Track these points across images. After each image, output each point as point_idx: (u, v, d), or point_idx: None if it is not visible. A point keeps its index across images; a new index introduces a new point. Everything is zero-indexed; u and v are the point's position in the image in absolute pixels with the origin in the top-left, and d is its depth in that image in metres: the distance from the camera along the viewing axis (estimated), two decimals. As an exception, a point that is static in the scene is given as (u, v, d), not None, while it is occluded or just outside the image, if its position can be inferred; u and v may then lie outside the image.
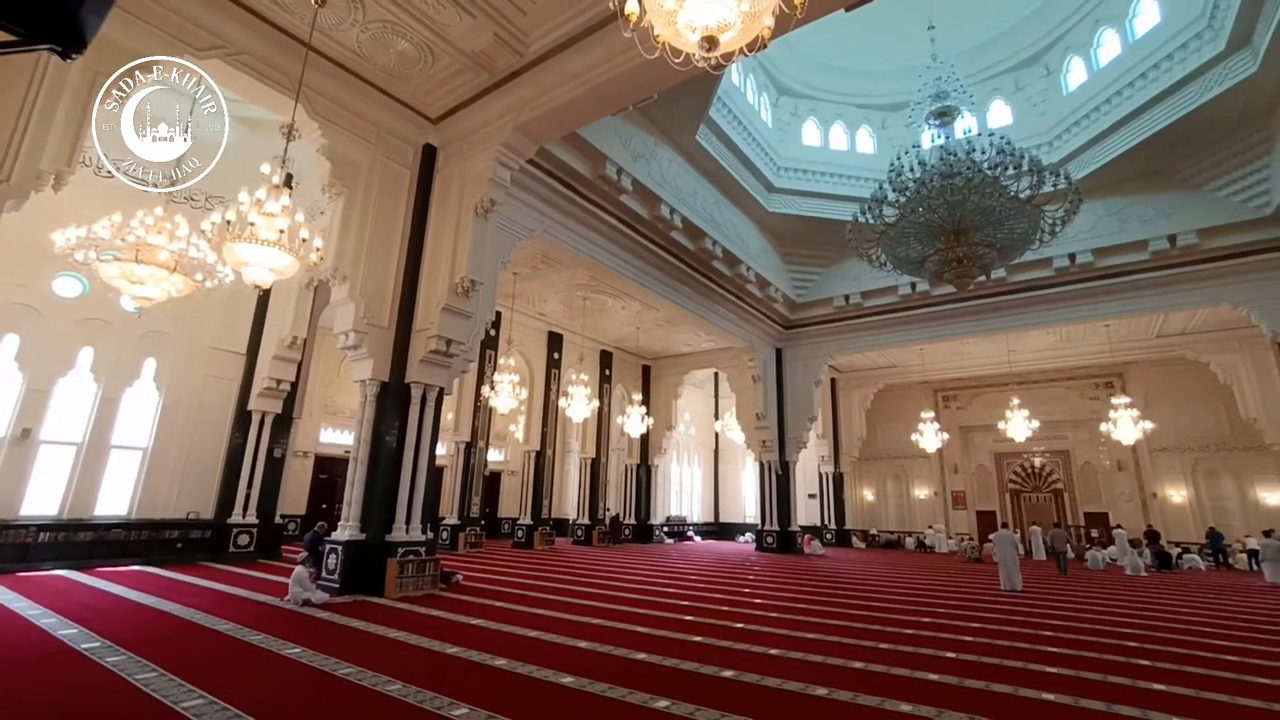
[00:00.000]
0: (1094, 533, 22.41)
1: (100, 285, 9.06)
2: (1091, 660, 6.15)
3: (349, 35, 8.80)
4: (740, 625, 7.46)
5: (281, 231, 6.03)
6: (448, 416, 17.19)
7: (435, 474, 11.15)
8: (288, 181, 6.21)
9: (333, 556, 8.79)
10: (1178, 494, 21.62)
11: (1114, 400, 18.65)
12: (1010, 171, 10.99)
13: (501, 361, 16.45)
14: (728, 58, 3.96)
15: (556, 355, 20.53)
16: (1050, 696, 4.84)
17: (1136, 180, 15.18)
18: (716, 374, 26.05)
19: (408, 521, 9.28)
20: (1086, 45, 15.59)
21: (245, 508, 12.37)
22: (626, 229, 14.41)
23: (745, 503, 29.55)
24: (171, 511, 11.81)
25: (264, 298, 13.02)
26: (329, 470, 18.38)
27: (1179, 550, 19.13)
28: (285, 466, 13.36)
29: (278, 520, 13.13)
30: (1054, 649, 6.63)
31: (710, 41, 3.67)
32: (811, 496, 25.96)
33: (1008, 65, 17.15)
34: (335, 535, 9.02)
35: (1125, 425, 17.67)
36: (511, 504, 22.06)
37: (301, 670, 4.97)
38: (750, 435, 21.21)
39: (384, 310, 9.72)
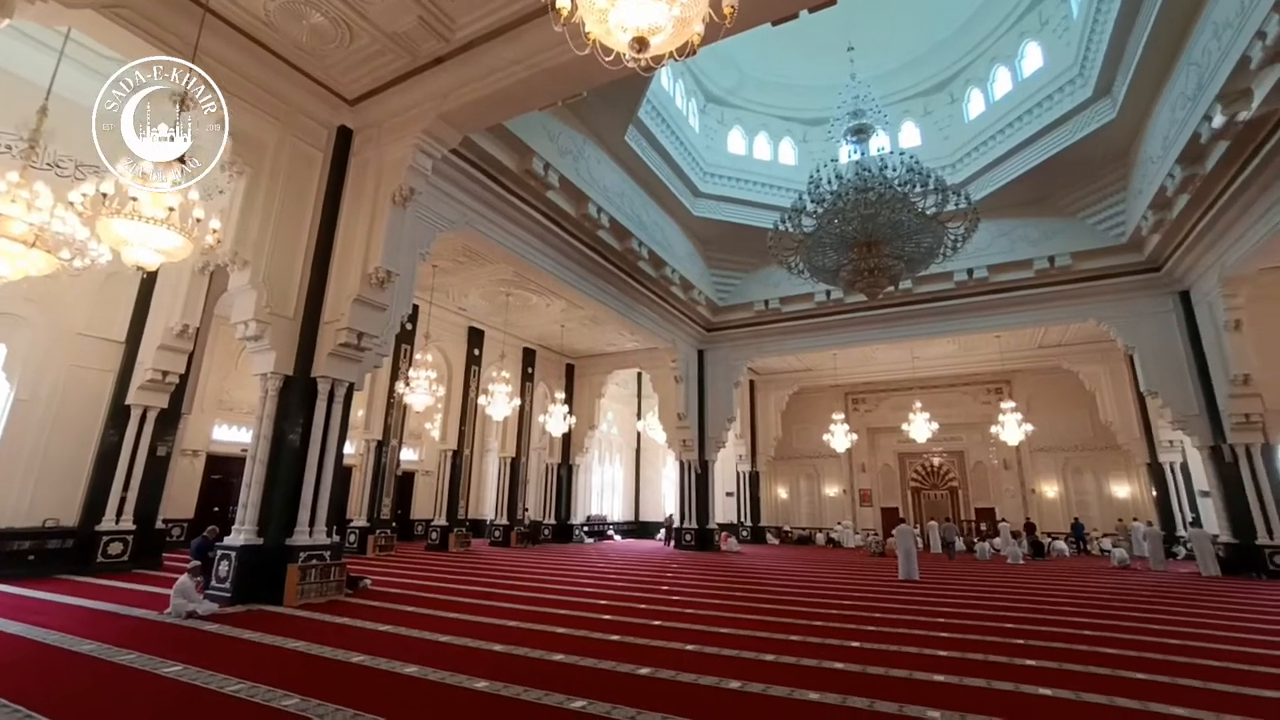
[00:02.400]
0: (982, 526, 24.44)
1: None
2: (975, 642, 6.69)
3: (255, 1, 8.15)
4: (658, 623, 7.54)
5: (171, 209, 5.48)
6: (358, 413, 16.31)
7: (343, 474, 10.55)
8: (180, 156, 5.65)
9: (224, 563, 8.10)
10: (1051, 490, 24.03)
11: (1002, 405, 20.46)
12: (918, 189, 11.78)
13: (418, 357, 15.79)
14: (658, 60, 3.99)
15: (477, 352, 19.96)
16: (940, 678, 5.22)
17: (1025, 205, 16.69)
18: (640, 374, 26.27)
19: (311, 524, 8.71)
20: (984, 79, 16.99)
21: (119, 512, 11.08)
22: (553, 226, 14.24)
23: (665, 501, 29.94)
24: (23, 519, 10.31)
25: (149, 281, 11.77)
26: (223, 470, 16.96)
27: (1050, 540, 21.20)
28: (171, 466, 12.17)
29: (160, 525, 11.90)
30: (944, 634, 7.15)
31: (641, 43, 3.69)
32: (729, 494, 26.69)
33: (918, 90, 18.39)
34: (228, 540, 8.33)
35: (1011, 428, 19.44)
36: (426, 505, 21.26)
37: (181, 690, 4.53)
38: (671, 435, 21.53)
39: (289, 299, 9.08)
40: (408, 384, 15.00)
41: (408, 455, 21.07)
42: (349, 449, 11.59)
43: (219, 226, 6.23)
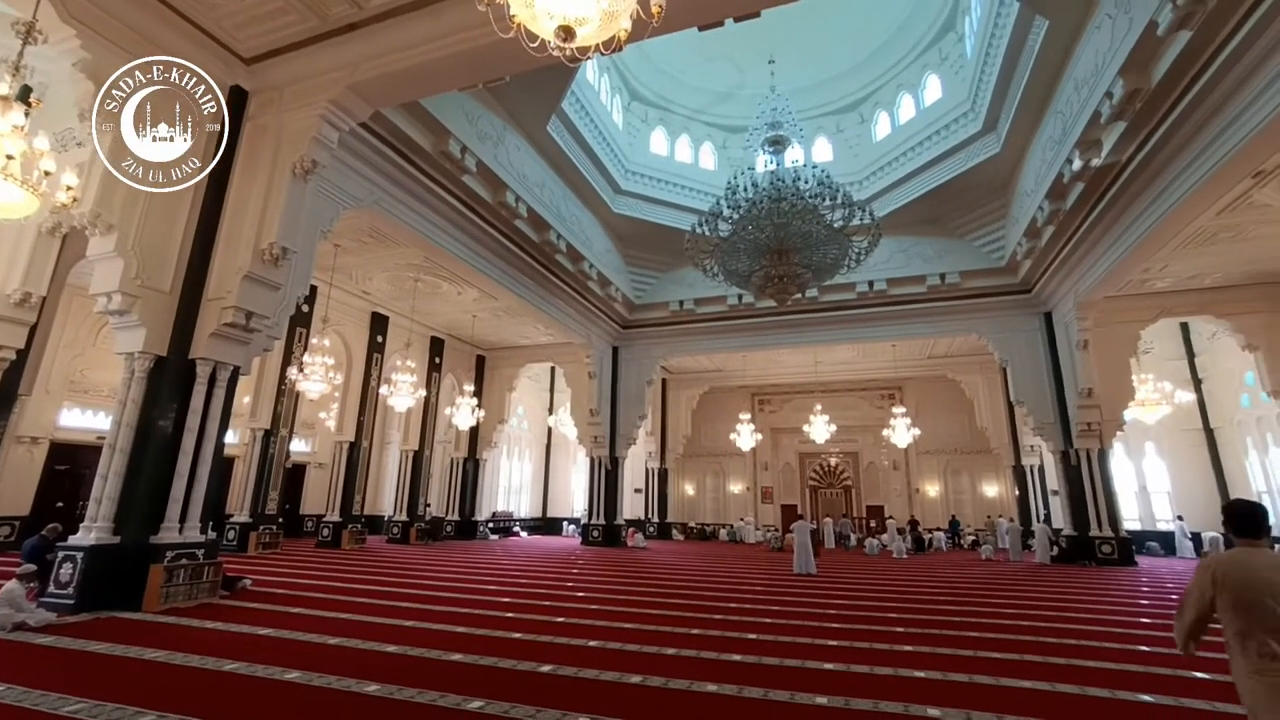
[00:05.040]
0: (873, 523, 26.23)
1: None
2: (862, 631, 7.14)
3: (131, -69, 7.23)
4: (561, 619, 7.48)
5: (10, 158, 4.76)
6: (243, 400, 15.01)
7: (223, 465, 9.65)
8: (24, 95, 4.90)
9: (68, 566, 7.13)
10: (933, 489, 26.19)
11: (894, 410, 22.07)
12: (828, 203, 12.41)
13: (314, 341, 14.72)
14: (584, 52, 3.94)
15: (380, 338, 18.92)
16: (829, 665, 5.53)
17: (922, 224, 18.03)
18: (554, 368, 25.97)
19: (182, 520, 7.88)
20: (891, 104, 18.20)
21: (-73, 511, 9.50)
22: (467, 211, 13.74)
23: (574, 497, 29.84)
24: None
25: (-19, 240, 10.21)
26: (71, 460, 14.97)
27: (930, 535, 23.13)
28: (0, 456, 10.62)
29: (-17, 524, 10.37)
30: (834, 624, 7.59)
31: (567, 32, 3.63)
32: (638, 491, 27.03)
33: (832, 108, 19.38)
34: (75, 539, 7.35)
35: (901, 431, 21.01)
36: (318, 499, 19.94)
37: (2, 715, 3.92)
38: (583, 431, 21.46)
39: (165, 272, 8.15)
40: (301, 370, 13.95)
41: (299, 446, 19.66)
42: (231, 438, 10.63)
43: (76, 183, 5.48)
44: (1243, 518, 2.70)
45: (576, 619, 7.54)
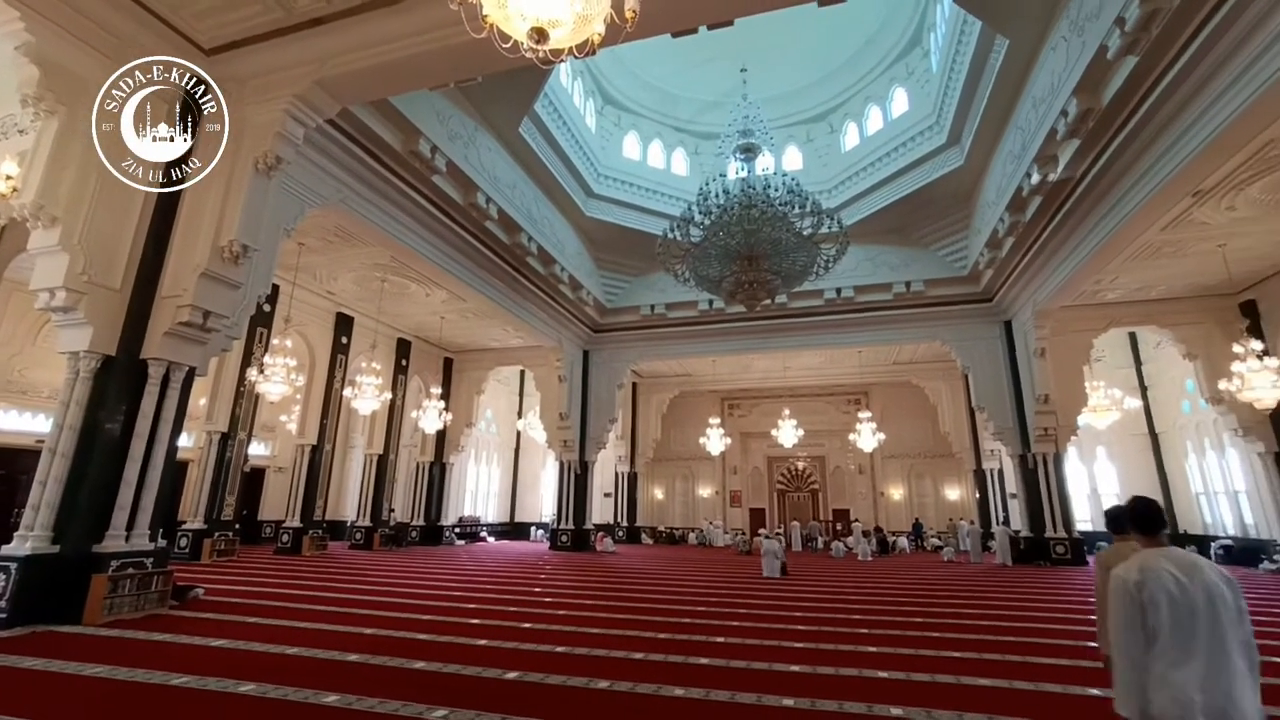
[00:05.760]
0: (839, 526, 26.63)
1: None
2: (827, 633, 7.23)
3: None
4: (528, 625, 7.39)
5: (-50, 144, 4.50)
6: (199, 402, 14.47)
7: (176, 470, 9.27)
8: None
9: (1, 578, 6.74)
10: (898, 493, 26.75)
11: (860, 415, 22.49)
12: (797, 210, 12.61)
13: (276, 342, 14.27)
14: (557, 54, 3.94)
15: (345, 340, 18.47)
16: (796, 668, 5.58)
17: (888, 233, 18.41)
18: (523, 372, 25.74)
19: (130, 527, 7.55)
20: (860, 115, 18.60)
21: None
22: (437, 212, 13.54)
23: (543, 502, 29.57)
24: None
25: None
26: (7, 465, 14.10)
27: (895, 538, 23.59)
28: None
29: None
30: (801, 627, 7.66)
31: (540, 34, 3.62)
32: (607, 495, 26.93)
33: (802, 118, 19.70)
34: (8, 549, 6.95)
35: (866, 436, 21.41)
36: (277, 505, 19.35)
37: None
38: (553, 435, 21.30)
39: (115, 267, 7.79)
40: (262, 371, 13.51)
41: (258, 450, 19.07)
42: (186, 441, 10.20)
43: (16, 172, 5.21)
44: (1113, 520, 3.55)
45: (543, 624, 7.46)
